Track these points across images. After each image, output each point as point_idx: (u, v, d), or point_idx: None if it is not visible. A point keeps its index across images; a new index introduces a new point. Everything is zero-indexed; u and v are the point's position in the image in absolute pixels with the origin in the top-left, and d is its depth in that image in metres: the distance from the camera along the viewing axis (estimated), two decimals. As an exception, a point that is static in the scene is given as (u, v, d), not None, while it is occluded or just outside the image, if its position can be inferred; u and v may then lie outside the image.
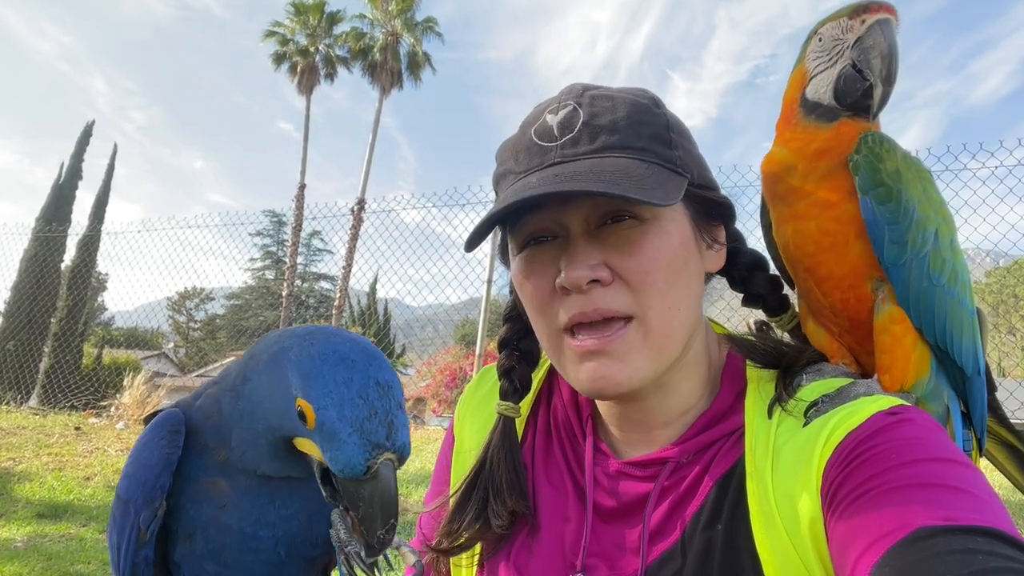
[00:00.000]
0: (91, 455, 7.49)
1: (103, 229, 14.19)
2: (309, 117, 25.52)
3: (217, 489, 0.77)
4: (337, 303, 21.02)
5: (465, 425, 0.93)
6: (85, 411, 11.72)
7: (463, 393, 0.98)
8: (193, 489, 0.77)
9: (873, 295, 0.73)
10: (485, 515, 0.80)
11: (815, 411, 0.66)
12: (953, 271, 0.71)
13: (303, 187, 23.05)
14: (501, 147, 0.78)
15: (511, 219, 0.74)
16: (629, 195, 0.61)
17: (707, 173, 0.77)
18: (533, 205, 0.70)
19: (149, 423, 0.79)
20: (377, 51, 25.16)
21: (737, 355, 0.79)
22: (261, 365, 0.72)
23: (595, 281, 0.68)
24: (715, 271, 0.79)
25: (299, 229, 22.48)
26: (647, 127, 0.70)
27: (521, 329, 0.87)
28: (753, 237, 0.86)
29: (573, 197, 0.68)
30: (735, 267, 0.83)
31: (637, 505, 0.73)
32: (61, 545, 4.85)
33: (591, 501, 0.76)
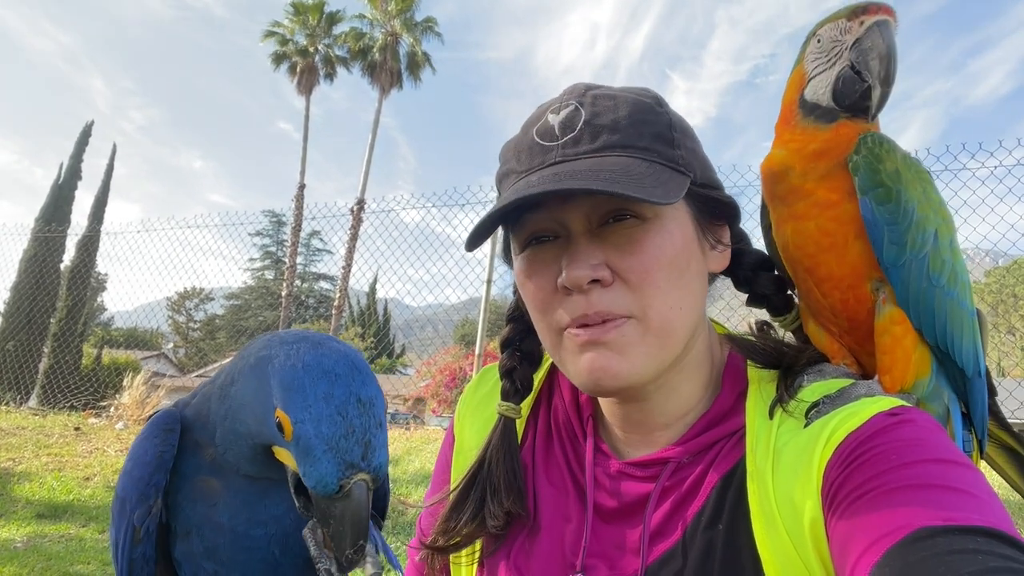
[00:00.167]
0: (91, 455, 7.49)
1: (102, 229, 14.17)
2: (309, 117, 25.56)
3: (209, 487, 0.78)
4: (337, 303, 21.03)
5: (465, 425, 0.93)
6: (85, 411, 11.72)
7: (463, 393, 0.98)
8: (188, 487, 0.78)
9: (873, 296, 0.73)
10: (482, 515, 0.80)
11: (816, 412, 0.66)
12: (953, 272, 0.71)
13: (303, 187, 23.06)
14: (504, 147, 0.78)
15: (512, 218, 0.74)
16: (628, 193, 0.61)
17: (711, 173, 0.77)
18: (533, 204, 0.70)
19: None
20: (376, 51, 25.18)
21: (738, 355, 0.79)
22: (247, 369, 0.72)
23: (596, 281, 0.67)
24: (719, 271, 0.78)
25: (299, 229, 22.49)
26: (649, 126, 0.70)
27: (523, 330, 0.87)
28: (753, 237, 0.86)
29: (573, 196, 0.68)
30: (740, 267, 0.83)
31: (638, 505, 0.73)
32: (61, 545, 4.85)
33: (591, 501, 0.76)
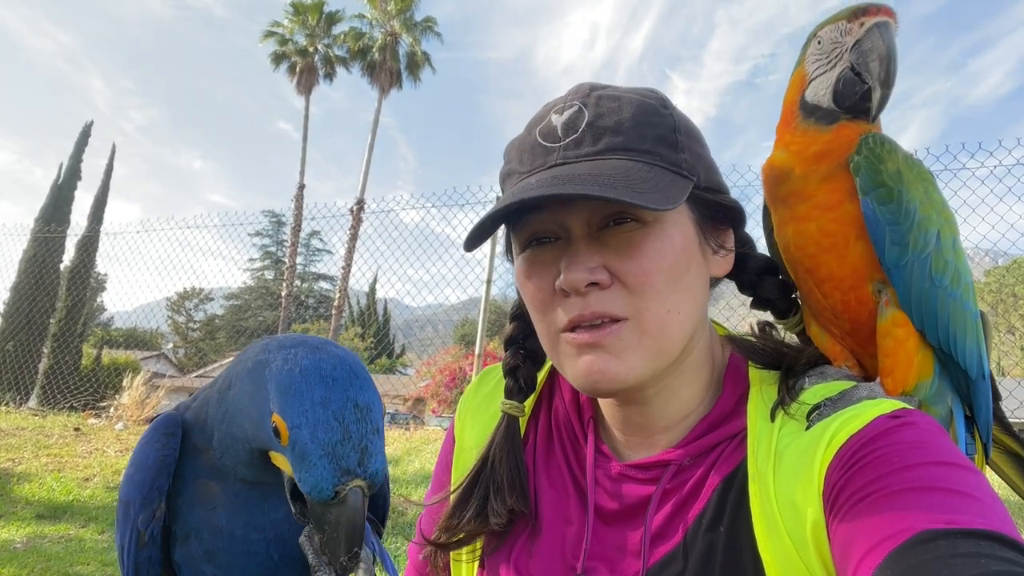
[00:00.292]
0: (90, 456, 7.48)
1: (102, 229, 14.17)
2: (308, 117, 25.55)
3: (209, 491, 0.78)
4: (336, 303, 21.04)
5: (466, 425, 0.93)
6: (84, 412, 11.71)
7: (464, 394, 0.98)
8: (189, 491, 0.78)
9: (874, 297, 0.73)
10: (485, 512, 0.80)
11: (817, 414, 0.66)
12: (956, 273, 0.71)
13: (302, 187, 23.06)
14: (508, 145, 0.78)
15: (513, 218, 0.74)
16: (625, 199, 0.61)
17: (716, 176, 0.76)
18: (533, 206, 0.70)
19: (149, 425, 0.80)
20: (376, 51, 25.18)
21: (739, 357, 0.78)
22: (244, 372, 0.71)
23: (594, 284, 0.67)
24: (722, 276, 0.78)
25: (298, 229, 22.48)
26: (652, 128, 0.70)
27: (527, 328, 0.87)
28: (752, 237, 0.86)
29: (574, 201, 0.68)
30: (744, 272, 0.83)
31: (639, 507, 0.73)
32: (60, 546, 4.84)
33: (592, 503, 0.75)
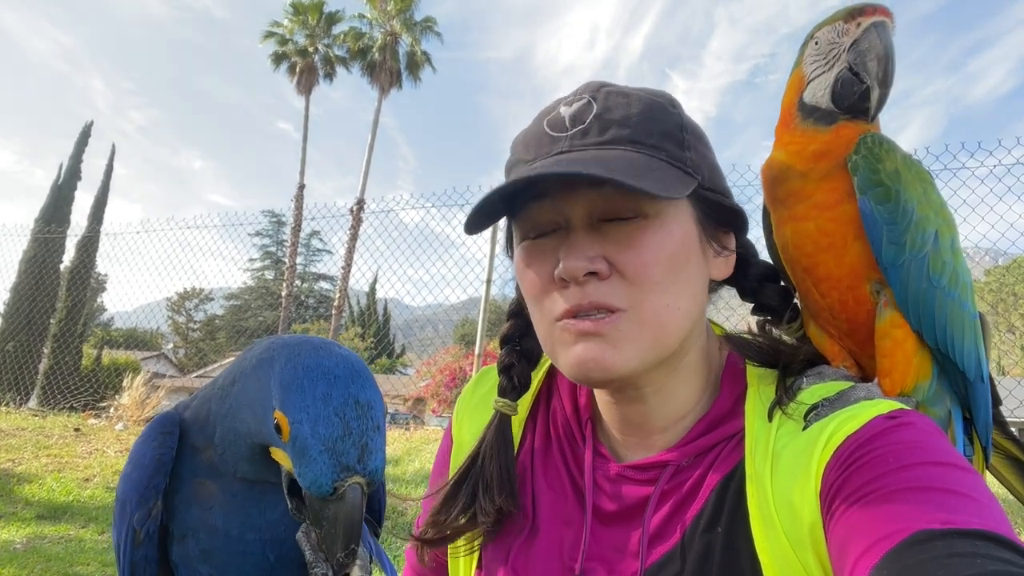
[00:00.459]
0: (90, 456, 7.48)
1: (102, 230, 14.17)
2: (308, 117, 25.55)
3: (205, 491, 0.78)
4: (337, 303, 21.04)
5: (463, 425, 0.93)
6: (84, 412, 11.70)
7: (462, 394, 0.98)
8: (186, 490, 0.79)
9: (872, 297, 0.73)
10: (473, 510, 0.80)
11: (815, 415, 0.66)
12: (954, 273, 0.71)
13: (302, 187, 23.06)
14: (515, 138, 0.78)
15: (516, 208, 0.74)
16: (628, 182, 0.61)
17: (720, 179, 0.77)
18: (538, 194, 0.71)
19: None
20: (376, 51, 25.18)
21: (737, 357, 0.79)
22: (249, 370, 0.72)
23: (592, 274, 0.68)
24: (721, 279, 0.78)
25: (298, 229, 22.46)
26: (659, 124, 0.71)
27: (524, 326, 0.87)
28: (751, 237, 0.86)
29: (576, 188, 0.69)
30: (746, 278, 0.83)
31: (637, 508, 0.73)
32: (60, 547, 4.84)
33: (590, 504, 0.76)
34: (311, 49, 25.56)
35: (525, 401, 0.88)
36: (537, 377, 0.90)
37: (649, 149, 0.69)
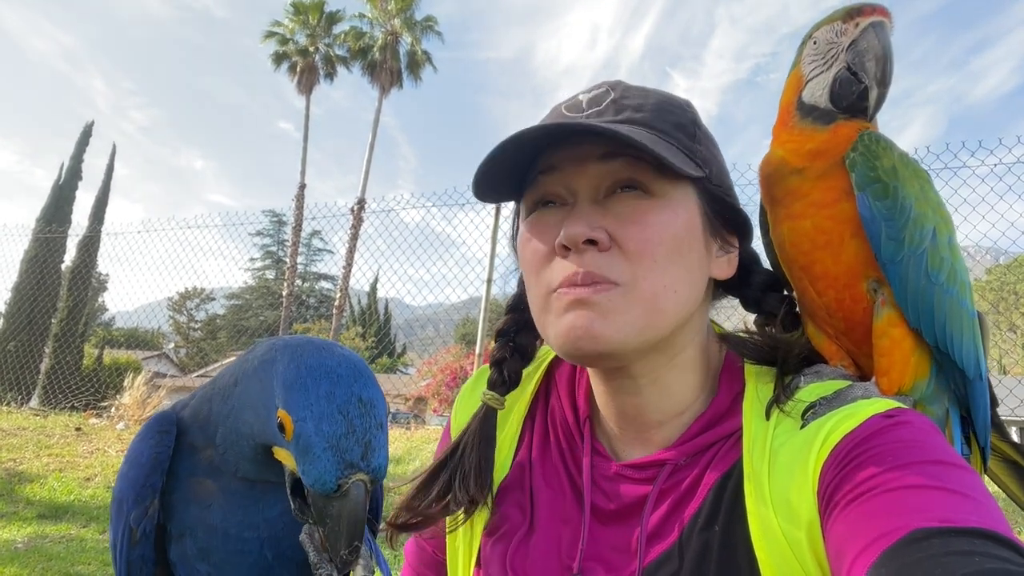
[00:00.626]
0: (91, 456, 7.49)
1: (103, 230, 14.18)
2: (309, 117, 25.58)
3: (204, 489, 0.78)
4: (338, 303, 21.05)
5: (461, 421, 0.93)
6: (86, 412, 11.71)
7: (460, 392, 0.98)
8: (183, 489, 0.79)
9: (869, 296, 0.73)
10: (447, 499, 0.80)
11: (812, 414, 0.66)
12: (952, 270, 0.71)
13: (303, 187, 23.06)
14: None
15: (527, 182, 0.75)
16: (646, 144, 0.63)
17: (727, 180, 0.78)
18: (548, 168, 0.72)
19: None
20: (377, 50, 25.18)
21: (735, 356, 0.78)
22: (251, 370, 0.73)
23: (593, 243, 0.68)
24: (723, 279, 0.78)
25: (299, 229, 22.51)
26: (673, 115, 0.73)
27: (520, 321, 0.88)
28: (758, 254, 0.86)
29: (586, 163, 0.70)
30: (748, 287, 0.83)
31: (635, 507, 0.73)
32: (61, 546, 4.85)
33: (588, 503, 0.76)
34: (312, 49, 25.57)
35: (524, 400, 0.88)
36: (536, 375, 0.90)
37: (661, 134, 0.71)
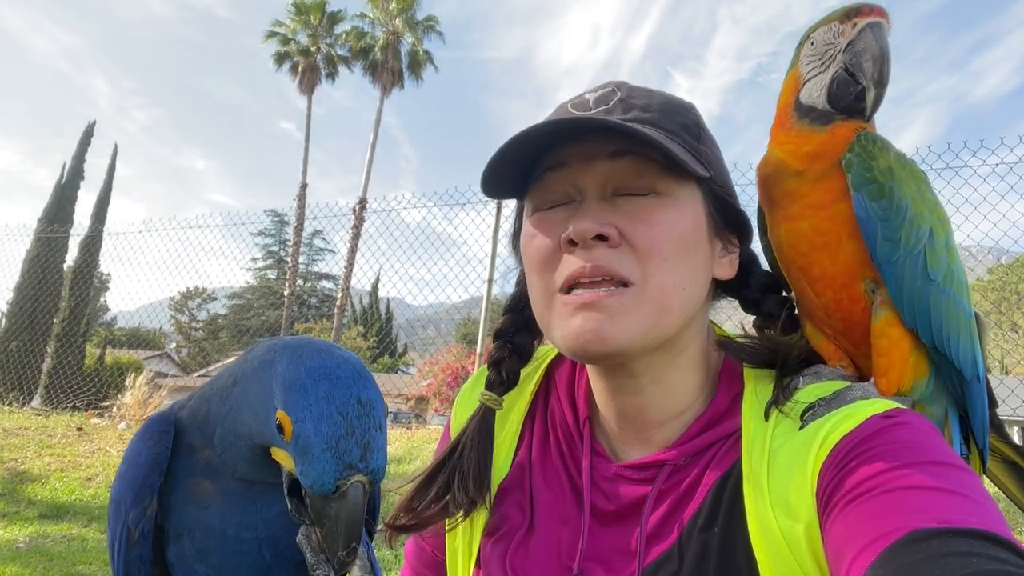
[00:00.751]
0: (93, 455, 7.50)
1: (105, 229, 14.20)
2: (311, 116, 25.62)
3: (202, 490, 0.78)
4: (339, 302, 21.07)
5: (461, 421, 0.93)
6: (87, 411, 11.72)
7: (460, 392, 0.98)
8: (181, 489, 0.79)
9: (867, 296, 0.73)
10: (446, 499, 0.80)
11: (811, 415, 0.66)
12: (949, 270, 0.71)
13: (305, 187, 23.07)
14: None
15: (532, 178, 0.75)
16: (652, 139, 0.64)
17: (729, 181, 0.79)
18: (555, 165, 0.73)
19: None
20: (378, 50, 25.19)
21: (735, 357, 0.78)
22: (250, 371, 0.73)
23: (601, 239, 0.68)
24: (725, 278, 0.79)
25: (301, 229, 22.52)
26: (679, 116, 0.74)
27: (519, 321, 0.88)
28: (757, 256, 0.86)
29: (594, 161, 0.71)
30: (748, 288, 0.84)
31: (635, 508, 0.73)
32: (63, 546, 4.86)
33: (588, 503, 0.76)
34: (313, 49, 25.58)
35: (523, 400, 0.88)
36: (535, 376, 0.90)
37: (670, 134, 0.71)
